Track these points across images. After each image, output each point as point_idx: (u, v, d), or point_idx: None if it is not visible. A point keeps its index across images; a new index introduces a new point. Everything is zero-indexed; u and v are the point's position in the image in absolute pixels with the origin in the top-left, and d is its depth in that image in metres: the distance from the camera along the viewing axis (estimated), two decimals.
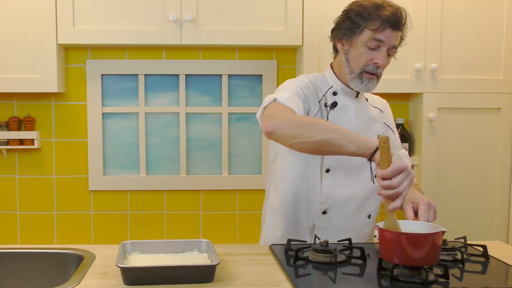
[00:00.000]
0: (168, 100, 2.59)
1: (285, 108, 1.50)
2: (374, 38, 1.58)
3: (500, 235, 2.52)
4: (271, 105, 1.53)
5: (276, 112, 1.47)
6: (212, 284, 1.29)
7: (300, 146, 1.43)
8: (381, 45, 1.59)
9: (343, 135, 1.37)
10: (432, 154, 2.46)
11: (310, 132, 1.39)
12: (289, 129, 1.42)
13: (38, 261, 1.56)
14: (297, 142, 1.42)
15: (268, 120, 1.45)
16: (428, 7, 2.40)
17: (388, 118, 1.84)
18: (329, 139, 1.37)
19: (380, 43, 1.58)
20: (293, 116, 1.45)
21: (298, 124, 1.42)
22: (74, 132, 2.57)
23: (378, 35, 1.58)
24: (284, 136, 1.43)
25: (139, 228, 2.62)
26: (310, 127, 1.40)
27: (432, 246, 1.26)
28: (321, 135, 1.38)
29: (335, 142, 1.37)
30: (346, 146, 1.36)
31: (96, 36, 2.34)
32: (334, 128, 1.40)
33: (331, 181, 1.68)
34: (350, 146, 1.35)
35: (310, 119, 1.46)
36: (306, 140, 1.40)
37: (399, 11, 1.59)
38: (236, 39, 2.38)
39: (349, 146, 1.36)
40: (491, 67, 2.47)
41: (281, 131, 1.42)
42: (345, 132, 1.38)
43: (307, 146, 1.42)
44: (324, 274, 1.36)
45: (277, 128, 1.43)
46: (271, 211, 1.79)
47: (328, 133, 1.38)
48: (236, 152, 2.62)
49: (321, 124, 1.41)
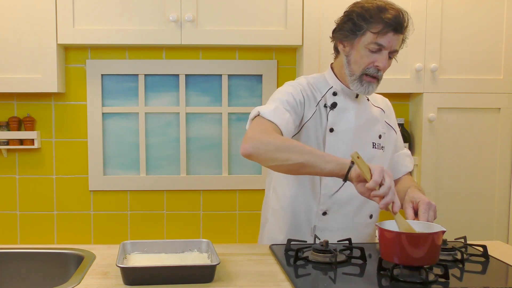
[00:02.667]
0: (168, 100, 2.59)
1: (266, 125, 1.53)
2: (376, 42, 1.58)
3: (500, 235, 2.52)
4: (253, 122, 1.57)
5: (254, 133, 1.50)
6: (212, 284, 1.29)
7: (277, 168, 1.51)
8: (382, 49, 1.59)
9: (317, 157, 1.44)
10: (432, 154, 2.47)
11: (286, 155, 1.45)
12: (265, 153, 1.46)
13: (38, 261, 1.56)
14: (274, 165, 1.49)
15: (245, 143, 1.49)
16: (428, 7, 2.40)
17: (390, 117, 1.83)
18: (303, 162, 1.44)
19: (382, 47, 1.58)
20: (269, 138, 1.48)
21: (273, 148, 1.46)
22: (74, 132, 2.57)
23: (379, 40, 1.57)
24: (261, 159, 1.49)
25: (139, 228, 2.62)
26: (286, 150, 1.45)
27: (432, 246, 1.26)
28: (296, 158, 1.44)
29: (310, 164, 1.44)
30: (321, 167, 1.43)
31: (96, 36, 2.34)
32: (309, 150, 1.46)
33: (331, 182, 1.68)
34: (325, 167, 1.42)
35: (286, 142, 1.49)
36: (283, 163, 1.46)
37: (401, 13, 1.58)
38: (236, 39, 2.38)
39: (324, 167, 1.42)
40: (491, 67, 2.47)
41: (258, 155, 1.47)
42: (319, 154, 1.45)
43: (283, 168, 1.49)
44: (324, 274, 1.36)
45: (253, 151, 1.47)
46: (272, 213, 1.79)
47: (303, 156, 1.44)
48: (236, 152, 2.62)
49: (296, 147, 1.46)
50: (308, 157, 1.44)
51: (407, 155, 1.84)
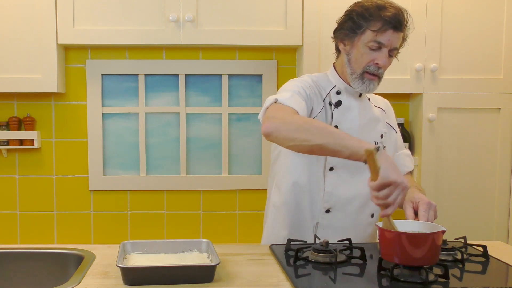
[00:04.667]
0: (168, 100, 2.59)
1: (286, 109, 1.50)
2: (375, 40, 1.58)
3: (500, 235, 2.52)
4: (272, 106, 1.53)
5: (276, 113, 1.48)
6: (212, 284, 1.29)
7: (297, 148, 1.45)
8: (382, 46, 1.59)
9: (338, 140, 1.38)
10: (432, 154, 2.46)
11: (306, 135, 1.41)
12: (285, 132, 1.43)
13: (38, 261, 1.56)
14: (293, 145, 1.44)
15: (266, 122, 1.46)
16: (428, 7, 2.40)
17: (390, 118, 1.84)
18: (323, 144, 1.39)
19: (382, 45, 1.59)
20: (291, 118, 1.45)
21: (295, 127, 1.43)
22: (74, 132, 2.57)
23: (379, 37, 1.58)
24: (281, 138, 1.44)
25: (139, 228, 2.62)
26: (307, 130, 1.41)
27: (432, 245, 1.26)
28: (316, 140, 1.40)
29: (330, 147, 1.39)
30: (341, 151, 1.38)
31: (96, 36, 2.34)
32: (331, 132, 1.41)
33: (335, 179, 1.68)
34: (345, 151, 1.37)
35: (309, 121, 1.46)
36: (302, 144, 1.42)
37: (400, 12, 1.59)
38: (236, 39, 2.38)
39: (344, 151, 1.37)
40: (491, 67, 2.47)
41: (278, 133, 1.44)
42: (341, 136, 1.39)
43: (303, 149, 1.44)
44: (324, 274, 1.36)
45: (274, 130, 1.44)
46: (274, 210, 1.79)
47: (324, 138, 1.39)
48: (236, 152, 2.62)
49: (319, 128, 1.42)
50: (328, 139, 1.39)
51: (407, 155, 1.84)
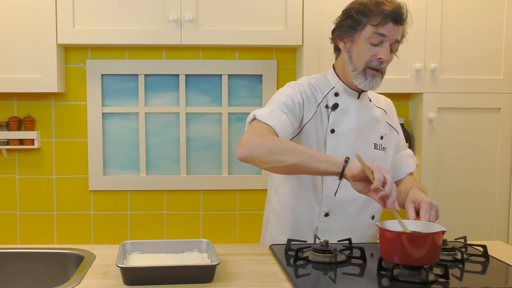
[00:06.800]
0: (168, 100, 2.59)
1: (262, 128, 1.55)
2: (377, 32, 1.58)
3: (500, 235, 2.52)
4: (251, 124, 1.59)
5: (249, 137, 1.52)
6: (212, 284, 1.29)
7: (273, 170, 1.53)
8: (383, 40, 1.59)
9: (310, 157, 1.45)
10: (432, 154, 2.46)
11: (279, 157, 1.46)
12: (259, 156, 1.48)
13: (38, 261, 1.56)
14: (269, 167, 1.51)
15: (240, 147, 1.51)
16: (428, 7, 2.40)
17: (392, 118, 1.82)
18: (297, 163, 1.45)
19: (383, 38, 1.59)
20: (263, 141, 1.49)
21: (266, 150, 1.47)
22: (74, 132, 2.57)
23: (380, 30, 1.58)
24: (256, 162, 1.51)
25: (139, 228, 2.62)
26: (278, 152, 1.47)
27: (432, 245, 1.26)
28: (289, 160, 1.46)
29: (304, 165, 1.45)
30: (315, 167, 1.44)
31: (96, 36, 2.34)
32: (302, 151, 1.47)
33: (332, 183, 1.68)
34: (319, 167, 1.44)
35: (279, 143, 1.50)
36: (277, 165, 1.48)
37: (399, 6, 1.60)
38: (236, 39, 2.38)
39: (318, 166, 1.44)
40: (491, 67, 2.47)
41: (253, 158, 1.49)
42: (312, 154, 1.46)
43: (279, 170, 1.52)
44: (324, 274, 1.36)
45: (248, 154, 1.49)
46: (274, 215, 1.79)
47: (296, 157, 1.45)
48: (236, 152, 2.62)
49: (289, 148, 1.47)
50: (301, 157, 1.45)
51: (409, 155, 1.83)
